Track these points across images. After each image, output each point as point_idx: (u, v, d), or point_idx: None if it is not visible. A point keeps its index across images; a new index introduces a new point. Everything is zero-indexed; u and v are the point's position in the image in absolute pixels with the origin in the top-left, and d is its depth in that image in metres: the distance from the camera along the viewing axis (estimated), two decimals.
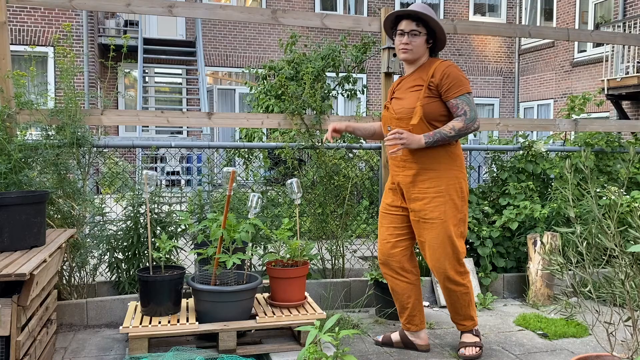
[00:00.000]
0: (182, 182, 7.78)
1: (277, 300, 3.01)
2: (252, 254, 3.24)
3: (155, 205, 3.54)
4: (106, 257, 3.47)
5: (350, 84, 7.59)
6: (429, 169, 2.70)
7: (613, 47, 10.52)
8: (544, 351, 2.98)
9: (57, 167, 3.24)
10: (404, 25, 2.72)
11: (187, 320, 2.79)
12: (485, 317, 3.57)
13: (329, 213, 3.93)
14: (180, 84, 12.89)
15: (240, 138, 8.30)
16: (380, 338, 3.04)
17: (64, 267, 3.34)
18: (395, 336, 3.02)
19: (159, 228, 3.48)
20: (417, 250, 3.66)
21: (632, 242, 3.32)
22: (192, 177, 7.85)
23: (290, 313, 2.91)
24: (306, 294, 3.14)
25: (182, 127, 11.90)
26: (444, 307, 3.71)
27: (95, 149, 3.46)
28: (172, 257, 3.49)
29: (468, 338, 2.89)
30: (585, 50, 12.65)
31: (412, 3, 14.25)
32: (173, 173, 8.21)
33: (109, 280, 3.55)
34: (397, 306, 2.99)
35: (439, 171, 2.70)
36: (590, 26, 12.52)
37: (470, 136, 7.02)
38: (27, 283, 2.18)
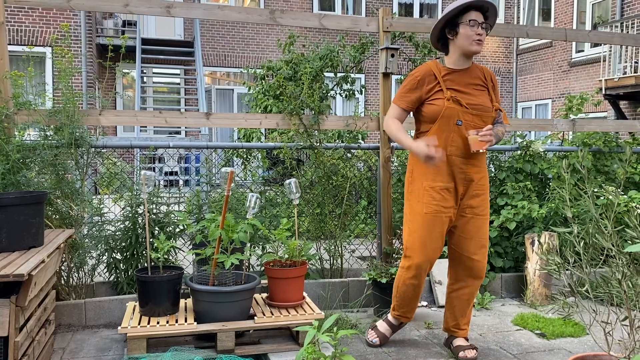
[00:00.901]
0: (181, 182, 7.77)
1: (276, 300, 3.01)
2: (250, 254, 3.24)
3: (154, 206, 3.54)
4: (104, 257, 3.47)
5: (348, 84, 7.59)
6: (484, 167, 2.79)
7: (611, 47, 10.53)
8: (541, 351, 2.99)
9: (55, 168, 3.24)
10: (476, 15, 2.64)
11: (186, 321, 2.79)
12: (484, 316, 3.57)
13: (328, 213, 3.93)
14: (179, 84, 12.87)
15: (238, 138, 8.29)
16: (377, 341, 3.00)
17: (63, 268, 3.34)
18: (385, 328, 3.03)
19: (157, 228, 3.48)
20: None
21: (629, 242, 3.33)
22: (191, 178, 7.85)
23: (289, 313, 2.92)
24: (304, 294, 3.15)
25: (180, 128, 11.89)
26: (442, 307, 3.71)
27: (93, 149, 3.46)
28: (171, 258, 3.49)
29: (462, 342, 2.89)
30: (583, 51, 12.67)
31: (410, 3, 14.26)
32: (171, 173, 8.20)
33: (107, 281, 3.55)
34: (410, 305, 2.94)
35: (486, 169, 2.81)
36: (588, 26, 12.53)
37: None
38: (25, 284, 2.18)
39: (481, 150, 2.61)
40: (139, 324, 2.74)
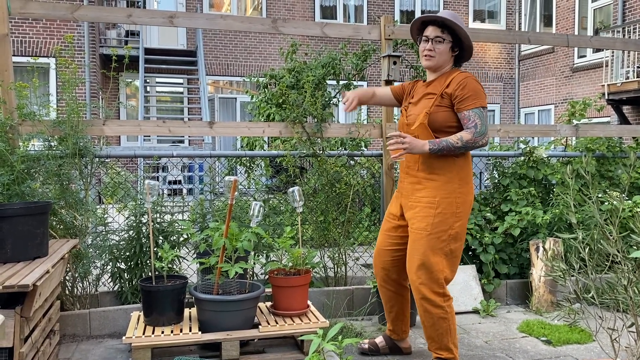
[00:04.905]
0: (184, 191, 7.79)
1: (280, 309, 3.01)
2: (254, 263, 3.24)
3: (158, 215, 3.54)
4: (109, 267, 3.48)
5: None
6: (429, 178, 2.59)
7: (613, 52, 10.53)
8: (548, 357, 2.97)
9: (59, 178, 3.25)
10: (429, 31, 2.65)
11: (190, 330, 2.79)
12: (489, 323, 3.56)
13: (331, 221, 3.93)
14: (182, 93, 12.93)
15: (241, 146, 8.31)
16: (366, 346, 2.97)
17: (67, 278, 3.35)
18: (380, 340, 3.00)
19: (161, 237, 3.48)
20: None
21: (634, 248, 3.31)
22: (194, 186, 7.86)
23: (293, 322, 2.91)
24: (309, 302, 3.14)
25: (183, 137, 11.93)
26: None
27: (97, 159, 3.47)
28: (175, 267, 3.49)
29: None
30: (585, 56, 12.67)
31: (411, 11, 14.31)
32: (175, 182, 8.22)
33: (111, 291, 3.55)
34: (388, 315, 2.96)
35: (438, 182, 2.58)
36: (590, 31, 12.54)
37: None
38: (30, 294, 2.18)
39: (400, 158, 2.50)
40: (143, 333, 2.74)
